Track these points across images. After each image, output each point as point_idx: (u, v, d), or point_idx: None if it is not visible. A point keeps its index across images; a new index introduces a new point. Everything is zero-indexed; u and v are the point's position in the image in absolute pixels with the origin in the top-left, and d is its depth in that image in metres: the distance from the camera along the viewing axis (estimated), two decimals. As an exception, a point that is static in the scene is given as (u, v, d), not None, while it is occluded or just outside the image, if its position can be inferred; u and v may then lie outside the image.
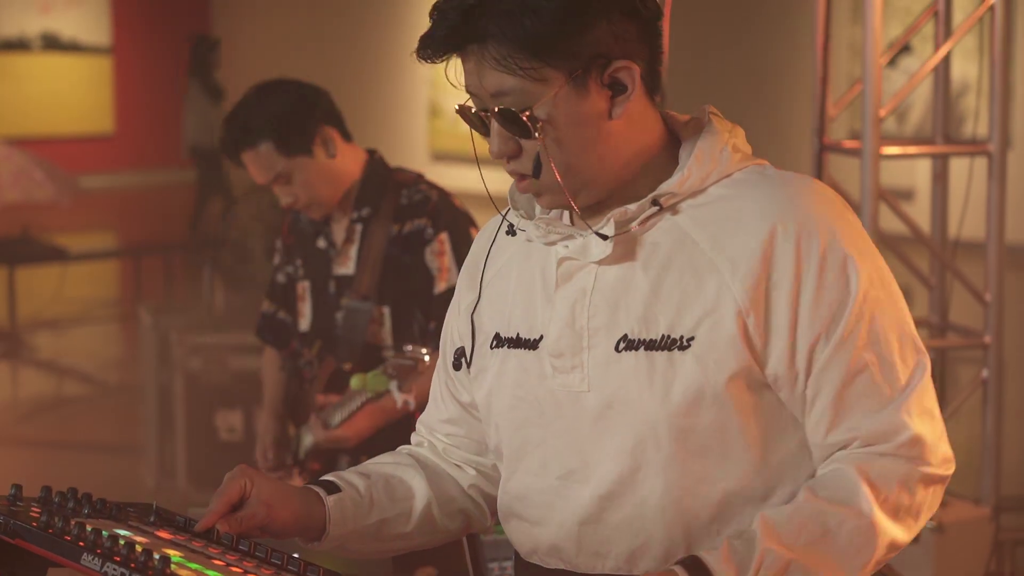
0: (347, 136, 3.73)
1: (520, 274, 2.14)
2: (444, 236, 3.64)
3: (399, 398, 3.42)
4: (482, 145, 2.05)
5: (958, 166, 5.45)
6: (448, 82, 2.02)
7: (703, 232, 1.99)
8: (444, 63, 1.99)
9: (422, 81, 16.09)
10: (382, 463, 2.29)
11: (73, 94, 17.42)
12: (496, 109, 1.97)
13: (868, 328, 1.98)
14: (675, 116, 2.10)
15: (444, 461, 2.32)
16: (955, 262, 5.28)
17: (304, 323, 3.82)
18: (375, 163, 3.75)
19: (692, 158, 2.02)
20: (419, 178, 3.76)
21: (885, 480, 1.98)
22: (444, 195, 3.72)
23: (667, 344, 1.98)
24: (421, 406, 3.44)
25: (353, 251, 3.70)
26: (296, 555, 1.97)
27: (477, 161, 2.07)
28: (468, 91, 2.00)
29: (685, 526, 2.02)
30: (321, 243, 3.78)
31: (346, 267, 3.71)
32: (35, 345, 9.67)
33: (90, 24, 17.49)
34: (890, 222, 5.10)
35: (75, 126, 17.38)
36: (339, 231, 3.74)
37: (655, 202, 2.00)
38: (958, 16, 5.36)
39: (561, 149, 1.98)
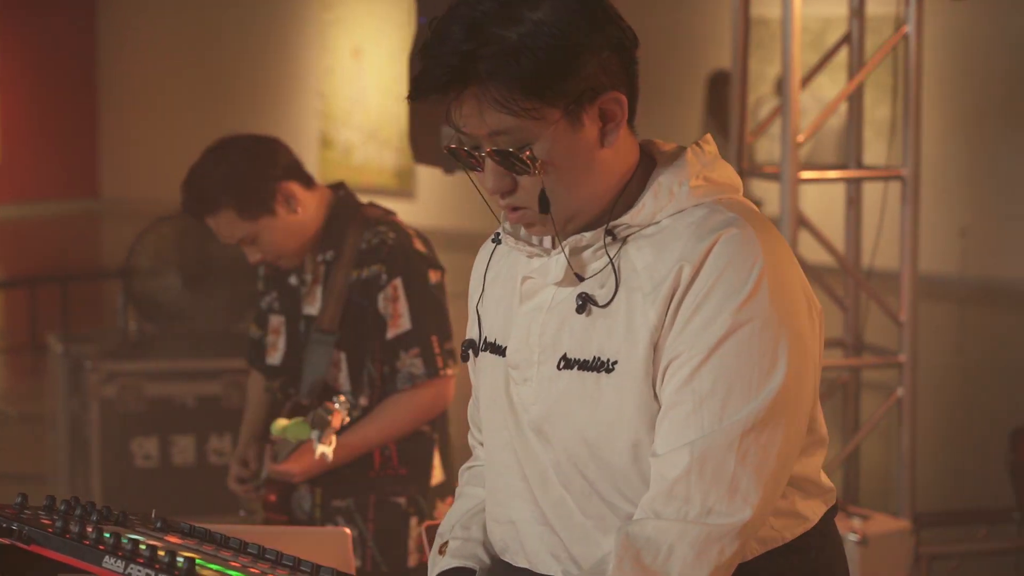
0: (308, 182, 3.67)
1: (505, 282, 2.25)
2: (398, 282, 3.59)
3: (318, 449, 3.43)
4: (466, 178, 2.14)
5: (868, 198, 5.59)
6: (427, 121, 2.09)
7: (642, 261, 2.08)
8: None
9: (312, 113, 16.08)
10: (481, 507, 2.35)
11: (-41, 125, 17.17)
12: (492, 149, 2.04)
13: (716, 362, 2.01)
14: (658, 145, 2.19)
15: None
16: (868, 285, 5.40)
17: (275, 357, 3.79)
18: (339, 202, 3.70)
19: (648, 192, 2.11)
20: (382, 217, 3.70)
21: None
22: (403, 238, 3.65)
23: (596, 366, 2.08)
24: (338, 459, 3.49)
25: (319, 291, 3.67)
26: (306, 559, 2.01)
27: (484, 199, 2.15)
28: (460, 130, 2.06)
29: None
30: (293, 280, 3.74)
31: (313, 307, 3.68)
32: (-67, 377, 9.52)
33: (-25, 54, 17.25)
34: (803, 247, 5.19)
35: (-38, 157, 17.13)
36: (309, 270, 3.70)
37: (608, 232, 2.10)
38: (869, 50, 5.49)
39: (558, 182, 2.06)
